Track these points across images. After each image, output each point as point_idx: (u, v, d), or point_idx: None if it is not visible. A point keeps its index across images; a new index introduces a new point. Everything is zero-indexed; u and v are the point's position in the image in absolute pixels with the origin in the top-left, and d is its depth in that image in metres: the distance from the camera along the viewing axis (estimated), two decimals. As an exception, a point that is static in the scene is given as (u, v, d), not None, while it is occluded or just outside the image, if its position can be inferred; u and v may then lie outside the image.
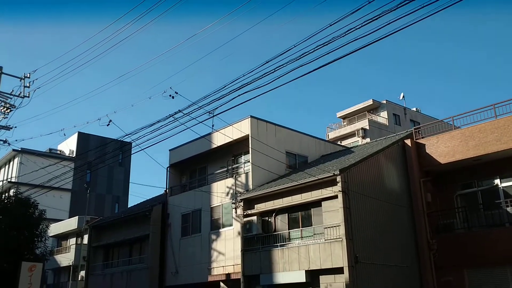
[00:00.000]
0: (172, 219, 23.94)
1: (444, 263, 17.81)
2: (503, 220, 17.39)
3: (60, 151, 56.67)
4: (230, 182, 21.15)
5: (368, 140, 37.24)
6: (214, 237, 21.21)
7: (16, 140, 38.41)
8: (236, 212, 19.81)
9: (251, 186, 19.99)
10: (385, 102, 44.69)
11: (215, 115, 13.30)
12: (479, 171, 18.29)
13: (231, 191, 20.75)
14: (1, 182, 45.70)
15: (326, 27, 9.71)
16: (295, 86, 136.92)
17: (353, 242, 15.64)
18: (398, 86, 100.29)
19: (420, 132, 20.09)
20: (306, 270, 16.51)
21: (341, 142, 37.98)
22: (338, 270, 15.54)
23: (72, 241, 41.78)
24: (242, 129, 21.09)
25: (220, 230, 20.99)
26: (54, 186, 22.73)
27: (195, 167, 24.83)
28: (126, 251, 26.67)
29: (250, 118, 21.00)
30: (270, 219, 18.72)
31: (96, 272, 28.07)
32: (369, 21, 9.06)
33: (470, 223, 18.14)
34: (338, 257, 15.57)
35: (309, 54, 10.04)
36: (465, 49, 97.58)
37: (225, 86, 12.09)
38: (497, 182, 18.03)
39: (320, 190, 16.88)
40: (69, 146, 56.34)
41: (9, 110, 19.41)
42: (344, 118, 46.18)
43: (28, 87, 19.33)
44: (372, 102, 44.34)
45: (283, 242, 17.85)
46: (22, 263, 19.85)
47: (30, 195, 25.02)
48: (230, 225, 20.48)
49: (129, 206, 50.83)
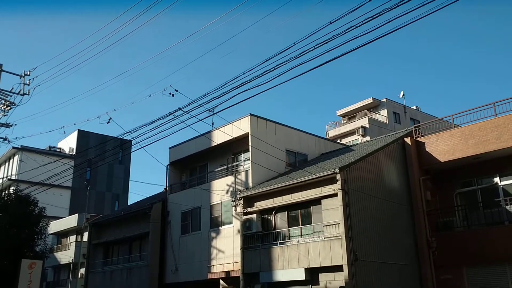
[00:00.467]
0: (172, 217, 23.97)
1: (443, 261, 17.83)
2: (503, 218, 17.41)
3: (60, 149, 56.71)
4: (230, 180, 21.16)
5: (368, 138, 37.24)
6: (213, 235, 21.24)
7: (16, 137, 38.54)
8: (235, 210, 19.82)
9: (251, 184, 20.00)
10: (385, 100, 44.68)
11: (215, 113, 13.32)
12: (479, 170, 18.30)
13: (231, 189, 20.76)
14: (1, 180, 45.67)
15: (326, 25, 9.72)
16: (295, 84, 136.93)
17: (352, 240, 15.66)
18: (398, 84, 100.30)
19: (420, 130, 20.08)
20: (305, 268, 16.53)
21: (341, 140, 38.01)
22: (338, 268, 15.56)
23: (72, 238, 41.86)
24: (242, 127, 21.09)
25: (219, 228, 21.01)
26: (54, 183, 22.71)
27: (195, 165, 24.85)
28: (126, 249, 26.70)
29: (250, 116, 21.01)
30: (269, 217, 18.73)
31: (96, 269, 28.11)
32: (369, 19, 9.05)
33: (470, 221, 18.17)
34: (338, 255, 15.59)
35: (309, 52, 10.04)
36: (465, 47, 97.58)
37: (225, 84, 12.09)
38: (496, 180, 18.05)
39: (319, 188, 16.88)
40: (69, 144, 56.38)
41: (9, 107, 19.41)
42: (344, 116, 46.17)
43: (28, 85, 19.32)
44: (372, 100, 44.33)
45: (283, 240, 17.86)
46: (22, 261, 19.89)
47: (30, 193, 25.03)
48: (230, 223, 20.50)
49: (129, 204, 50.94)
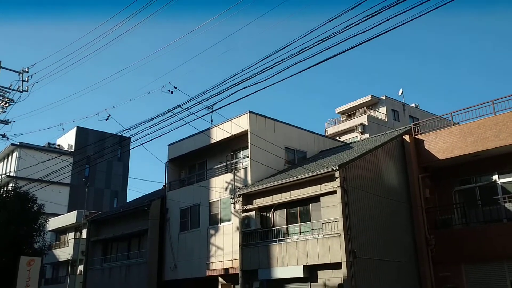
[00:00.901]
0: (170, 214, 23.97)
1: (442, 259, 17.88)
2: (501, 216, 17.45)
3: (58, 146, 56.69)
4: (229, 177, 21.16)
5: (367, 135, 37.24)
6: (212, 232, 21.25)
7: (14, 134, 38.36)
8: (234, 207, 19.83)
9: (250, 181, 20.01)
10: (384, 97, 44.69)
11: (214, 110, 13.30)
12: (478, 167, 18.32)
13: (230, 186, 20.76)
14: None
15: (326, 23, 9.71)
16: (294, 81, 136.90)
17: (351, 238, 15.68)
18: (397, 82, 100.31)
19: (418, 128, 20.09)
20: (304, 265, 16.56)
21: (339, 138, 38.01)
22: (336, 265, 15.60)
23: (70, 235, 41.88)
24: (241, 124, 21.08)
25: (218, 225, 21.02)
26: (52, 180, 22.73)
27: (194, 162, 24.84)
28: (125, 246, 26.71)
29: (249, 114, 20.99)
30: (268, 214, 18.75)
31: (94, 266, 28.12)
32: (368, 16, 9.05)
33: (468, 219, 18.21)
34: (336, 252, 15.62)
35: (308, 49, 10.03)
36: (465, 44, 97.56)
37: (224, 81, 12.08)
38: (495, 178, 18.08)
39: (318, 185, 16.90)
40: (67, 140, 56.35)
41: (7, 104, 19.38)
42: (343, 113, 46.18)
43: (26, 82, 19.28)
44: (371, 98, 44.34)
45: (282, 237, 17.88)
46: (21, 258, 19.87)
47: (28, 190, 24.98)
48: (229, 220, 20.51)
49: (127, 200, 50.93)
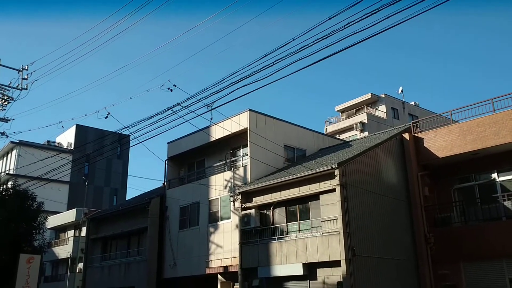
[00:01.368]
0: (170, 212, 23.98)
1: (441, 257, 17.90)
2: (500, 214, 17.47)
3: (58, 144, 56.64)
4: (228, 175, 21.17)
5: (366, 134, 37.26)
6: (212, 230, 21.27)
7: (14, 132, 38.44)
8: (234, 205, 19.84)
9: (249, 179, 20.02)
10: (383, 96, 44.64)
11: (214, 108, 13.34)
12: (477, 165, 18.33)
13: (229, 184, 20.77)
14: (-1, 174, 45.63)
15: (325, 20, 9.71)
16: (294, 79, 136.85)
17: (350, 236, 15.70)
18: (397, 80, 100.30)
19: (418, 126, 20.10)
20: (303, 263, 16.58)
21: (339, 136, 38.00)
22: (335, 263, 15.63)
23: (70, 233, 41.86)
24: (240, 122, 21.08)
25: (218, 223, 21.04)
26: (52, 178, 22.70)
27: (194, 160, 24.85)
28: (124, 244, 26.74)
29: (248, 112, 20.99)
30: (268, 212, 18.77)
31: (94, 264, 28.14)
32: (368, 14, 9.05)
33: (467, 217, 18.22)
34: (336, 250, 15.64)
35: (308, 47, 10.03)
36: (465, 43, 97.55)
37: (223, 79, 12.09)
38: (494, 176, 18.09)
39: (318, 183, 16.91)
40: (67, 138, 56.33)
41: (7, 102, 19.39)
42: (342, 111, 46.13)
43: (26, 79, 19.29)
44: (370, 96, 44.29)
45: (281, 235, 17.90)
46: (20, 255, 19.88)
47: (28, 187, 24.99)
48: (228, 218, 20.53)
49: (127, 198, 50.91)
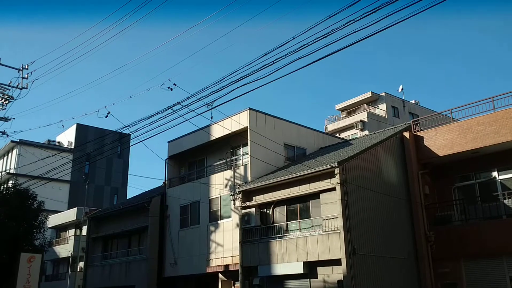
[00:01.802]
0: (170, 211, 24.00)
1: (441, 255, 17.91)
2: (500, 212, 17.49)
3: (58, 143, 56.67)
4: (228, 174, 21.19)
5: (366, 132, 37.25)
6: (212, 228, 21.29)
7: (14, 131, 38.53)
8: (234, 204, 19.86)
9: (250, 178, 20.03)
10: (384, 94, 44.64)
11: (214, 107, 13.31)
12: (477, 164, 18.34)
13: (230, 183, 20.79)
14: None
15: (325, 19, 9.71)
16: (294, 78, 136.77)
17: (351, 234, 15.71)
18: (397, 79, 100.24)
19: (418, 124, 20.10)
20: (304, 262, 16.60)
21: (339, 135, 38.03)
22: (336, 262, 15.64)
23: (71, 232, 41.92)
24: (240, 121, 21.09)
25: (218, 221, 21.06)
26: (52, 177, 22.71)
27: (194, 159, 24.86)
28: (125, 243, 26.76)
29: (248, 110, 20.99)
30: (268, 211, 18.78)
31: (95, 263, 28.17)
32: (368, 13, 9.05)
33: (468, 216, 18.23)
34: (336, 248, 15.65)
35: (308, 46, 10.03)
36: (465, 41, 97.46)
37: (223, 78, 12.09)
38: (494, 174, 18.11)
39: (318, 182, 16.92)
40: (67, 137, 56.36)
41: (7, 101, 19.38)
42: (343, 110, 46.15)
43: (26, 79, 19.26)
44: (371, 95, 44.29)
45: (281, 234, 17.92)
46: (21, 254, 19.89)
47: (28, 187, 25.02)
48: (229, 216, 20.55)
49: (127, 197, 50.96)
